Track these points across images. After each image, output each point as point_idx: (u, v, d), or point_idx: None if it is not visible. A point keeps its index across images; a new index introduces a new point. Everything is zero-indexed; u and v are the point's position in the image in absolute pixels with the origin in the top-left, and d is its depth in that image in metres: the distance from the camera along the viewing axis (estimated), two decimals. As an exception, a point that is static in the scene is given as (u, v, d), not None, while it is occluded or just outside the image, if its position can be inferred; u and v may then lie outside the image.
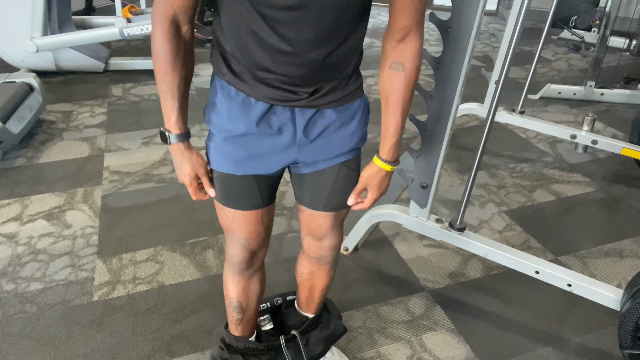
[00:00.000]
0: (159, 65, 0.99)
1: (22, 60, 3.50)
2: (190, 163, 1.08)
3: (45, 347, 1.65)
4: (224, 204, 1.16)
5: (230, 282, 1.32)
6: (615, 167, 2.78)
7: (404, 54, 1.03)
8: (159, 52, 0.97)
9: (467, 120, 3.25)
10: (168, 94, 1.01)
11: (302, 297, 1.47)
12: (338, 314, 1.57)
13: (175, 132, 1.05)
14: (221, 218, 1.21)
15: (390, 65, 1.05)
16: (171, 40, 0.96)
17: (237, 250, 1.24)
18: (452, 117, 1.60)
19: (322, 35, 0.94)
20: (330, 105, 1.06)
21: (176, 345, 1.67)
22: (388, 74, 1.06)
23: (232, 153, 1.08)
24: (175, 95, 1.02)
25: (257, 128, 1.05)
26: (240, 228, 1.19)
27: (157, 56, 0.98)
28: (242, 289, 1.32)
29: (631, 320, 1.45)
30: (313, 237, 1.30)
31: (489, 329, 1.77)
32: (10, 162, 2.68)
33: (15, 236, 2.15)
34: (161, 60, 0.98)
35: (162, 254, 2.06)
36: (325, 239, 1.29)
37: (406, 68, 1.04)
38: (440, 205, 2.43)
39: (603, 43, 3.26)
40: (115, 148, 2.84)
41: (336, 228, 1.28)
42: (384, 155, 1.13)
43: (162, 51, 0.97)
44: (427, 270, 2.02)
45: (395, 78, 1.05)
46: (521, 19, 1.44)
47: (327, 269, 1.37)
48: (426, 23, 3.86)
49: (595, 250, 2.16)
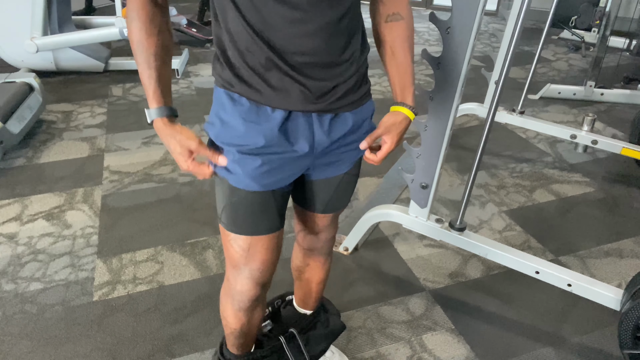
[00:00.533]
0: (133, 33, 0.93)
1: (22, 60, 3.50)
2: (176, 139, 0.97)
3: (45, 347, 1.65)
4: (237, 231, 1.07)
5: (232, 315, 1.23)
6: (615, 167, 2.78)
7: (396, 4, 1.04)
8: (132, 17, 0.92)
9: (467, 120, 3.25)
10: (144, 64, 0.94)
11: (299, 293, 1.48)
12: (336, 311, 1.57)
13: (153, 105, 0.96)
14: (231, 250, 1.11)
15: (387, 19, 1.05)
16: (146, 9, 0.92)
17: (247, 287, 1.15)
18: (452, 117, 1.60)
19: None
20: (347, 109, 1.03)
21: (176, 345, 1.67)
22: (387, 26, 1.06)
23: (251, 167, 1.00)
24: (152, 65, 0.94)
25: (277, 139, 0.98)
26: (254, 258, 1.10)
27: (130, 23, 0.93)
28: (246, 322, 1.24)
29: (631, 320, 1.45)
30: (308, 232, 1.29)
31: (489, 329, 1.77)
32: (10, 162, 2.68)
33: (15, 236, 2.15)
34: (135, 27, 0.93)
35: (162, 254, 2.06)
36: (322, 234, 1.29)
37: (404, 16, 1.05)
38: (440, 205, 2.42)
39: (603, 43, 3.26)
40: (115, 148, 2.84)
41: (333, 222, 1.29)
42: (409, 101, 1.08)
43: (135, 17, 0.92)
44: (427, 270, 2.02)
45: (397, 27, 1.05)
46: (521, 19, 1.43)
47: (322, 260, 1.37)
48: (426, 23, 3.87)
49: (595, 250, 2.16)
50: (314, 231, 1.28)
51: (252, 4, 0.89)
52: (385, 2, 1.05)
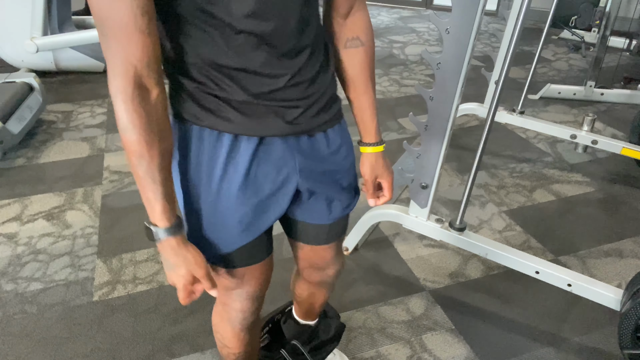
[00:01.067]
0: (131, 146, 0.76)
1: (22, 60, 3.50)
2: (186, 263, 0.85)
3: (45, 347, 1.65)
4: (230, 266, 1.00)
5: (234, 338, 1.16)
6: (615, 167, 2.78)
7: (355, 27, 0.96)
8: (126, 128, 0.75)
9: (467, 120, 3.25)
10: (147, 179, 0.79)
11: (301, 311, 1.42)
12: (335, 313, 1.54)
13: (163, 225, 0.82)
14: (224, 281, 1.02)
15: (346, 45, 0.97)
16: (139, 111, 0.74)
17: (247, 305, 1.09)
18: (452, 117, 1.60)
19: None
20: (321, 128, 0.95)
21: (176, 345, 1.67)
22: (346, 53, 0.98)
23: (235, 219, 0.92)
24: (157, 179, 0.79)
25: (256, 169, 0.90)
26: (251, 283, 1.04)
27: (125, 134, 0.75)
28: (250, 340, 1.18)
29: (631, 320, 1.45)
30: (314, 268, 1.21)
31: (489, 329, 1.77)
32: (10, 162, 2.68)
33: (15, 236, 2.15)
34: (132, 139, 0.75)
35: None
36: (329, 268, 1.21)
37: (364, 41, 0.97)
38: (440, 205, 2.42)
39: (603, 43, 3.26)
40: (115, 148, 2.84)
41: (339, 254, 1.20)
42: (372, 138, 1.05)
43: (130, 127, 0.74)
44: (427, 270, 2.02)
45: (356, 55, 0.98)
46: (521, 19, 1.43)
47: (328, 289, 1.31)
48: (426, 23, 3.89)
49: (595, 250, 2.16)
50: (321, 266, 1.20)
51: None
52: (341, 24, 0.96)
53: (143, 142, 0.76)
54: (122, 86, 0.73)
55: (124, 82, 0.73)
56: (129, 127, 0.75)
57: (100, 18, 0.70)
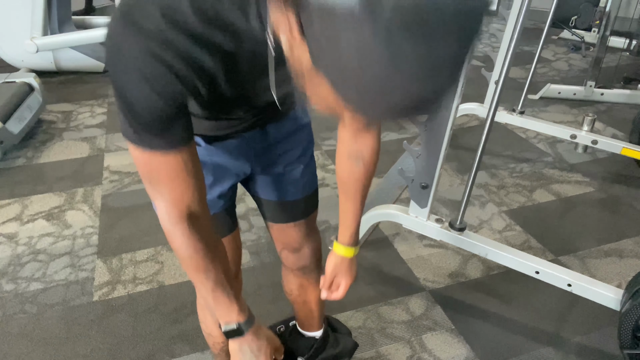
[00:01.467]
0: (197, 266, 0.83)
1: (22, 60, 3.50)
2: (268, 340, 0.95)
3: (45, 347, 1.65)
4: None
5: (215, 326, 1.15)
6: (615, 167, 2.78)
7: (362, 145, 0.99)
8: (188, 256, 0.82)
9: (467, 120, 3.25)
10: (218, 288, 0.85)
11: (300, 316, 1.42)
12: (347, 330, 1.51)
13: (244, 319, 0.89)
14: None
15: (349, 156, 1.01)
16: (196, 236, 0.80)
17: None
18: (452, 117, 1.60)
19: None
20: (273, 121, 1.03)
21: (176, 345, 1.67)
22: (347, 165, 1.02)
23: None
24: (226, 284, 0.86)
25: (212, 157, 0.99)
26: None
27: (188, 260, 0.82)
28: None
29: (631, 320, 1.45)
30: (290, 250, 1.24)
31: (489, 329, 1.77)
32: (10, 162, 2.68)
33: (15, 236, 2.15)
34: (195, 262, 0.82)
35: (162, 254, 2.06)
36: (303, 249, 1.24)
37: (366, 160, 1.00)
38: (440, 205, 2.42)
39: (603, 43, 3.26)
40: (115, 148, 2.84)
41: (311, 233, 1.23)
42: (345, 240, 1.09)
43: (192, 253, 0.81)
44: (427, 270, 2.02)
45: (355, 168, 1.01)
46: (521, 19, 1.44)
47: (314, 277, 1.31)
48: (426, 23, 3.77)
49: (595, 250, 2.16)
50: (295, 247, 1.23)
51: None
52: (351, 135, 0.99)
53: (207, 259, 0.82)
54: (176, 221, 0.77)
55: (177, 217, 0.77)
56: (192, 254, 0.81)
57: (149, 171, 0.74)
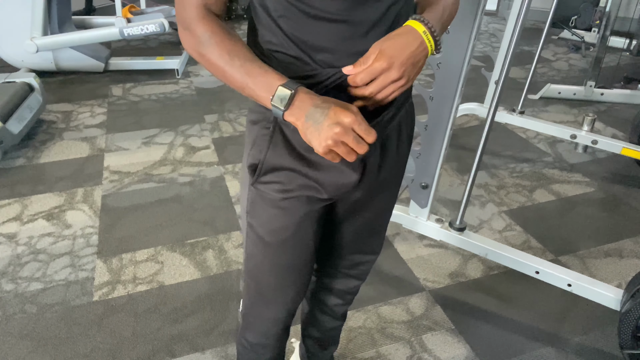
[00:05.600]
0: (222, 46, 0.80)
1: (22, 60, 3.50)
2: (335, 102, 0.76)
3: (45, 347, 1.65)
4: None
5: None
6: (615, 167, 2.78)
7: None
8: (210, 39, 0.80)
9: (467, 120, 3.25)
10: (247, 63, 0.79)
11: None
12: None
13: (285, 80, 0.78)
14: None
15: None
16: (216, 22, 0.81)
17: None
18: (452, 117, 1.60)
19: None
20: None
21: (176, 345, 1.67)
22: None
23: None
24: (256, 58, 0.81)
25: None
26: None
27: (212, 44, 0.80)
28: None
29: (631, 320, 1.45)
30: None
31: (489, 329, 1.77)
32: (10, 162, 2.68)
33: (15, 236, 2.15)
34: (220, 42, 0.80)
35: (162, 254, 2.06)
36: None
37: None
38: (440, 205, 2.42)
39: (603, 43, 3.26)
40: (115, 148, 2.84)
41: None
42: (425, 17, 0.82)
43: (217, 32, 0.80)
44: (427, 270, 2.02)
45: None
46: (521, 19, 1.44)
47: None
48: (426, 23, 3.69)
49: (595, 250, 2.16)
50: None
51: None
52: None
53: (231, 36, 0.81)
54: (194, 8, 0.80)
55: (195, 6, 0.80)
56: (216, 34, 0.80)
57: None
